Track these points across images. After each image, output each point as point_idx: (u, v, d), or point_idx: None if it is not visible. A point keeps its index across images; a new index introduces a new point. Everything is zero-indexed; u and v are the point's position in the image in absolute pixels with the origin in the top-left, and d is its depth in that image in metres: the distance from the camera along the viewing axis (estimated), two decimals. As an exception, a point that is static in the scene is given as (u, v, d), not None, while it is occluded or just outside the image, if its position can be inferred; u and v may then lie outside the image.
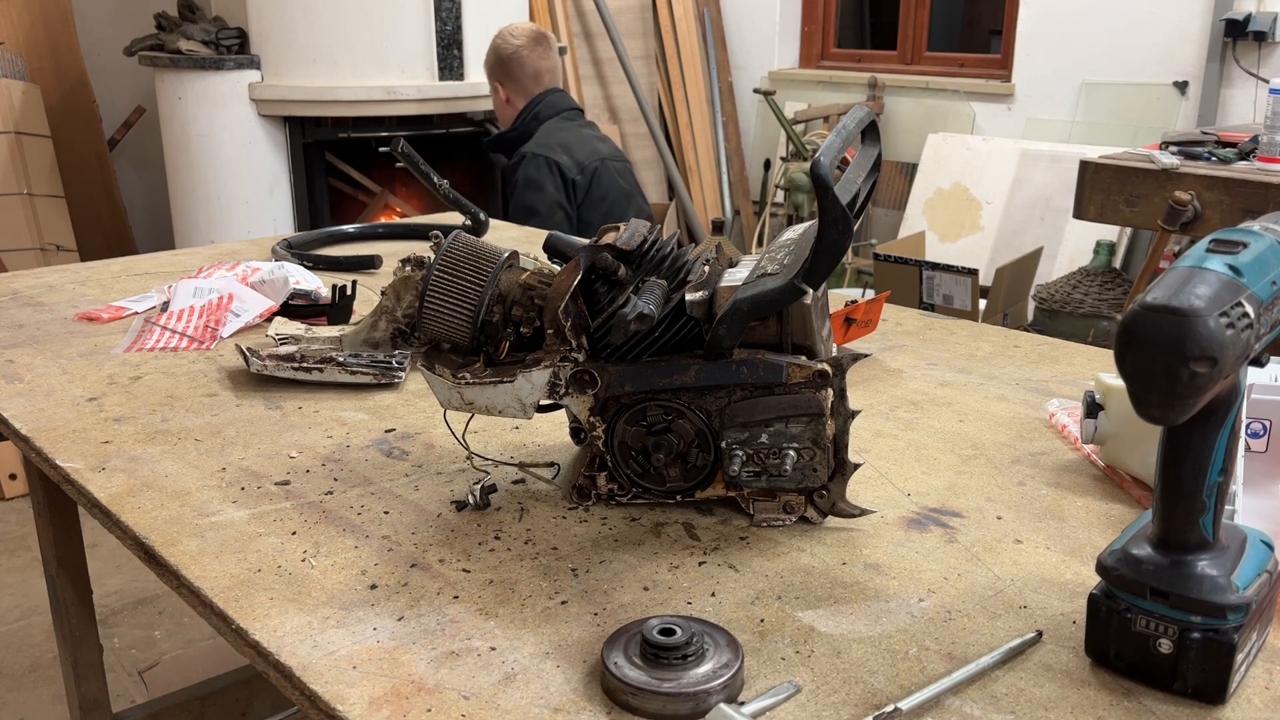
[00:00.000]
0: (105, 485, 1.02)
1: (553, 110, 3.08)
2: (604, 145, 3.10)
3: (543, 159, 2.90)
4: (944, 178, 4.79)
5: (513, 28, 3.18)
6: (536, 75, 3.13)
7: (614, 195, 2.99)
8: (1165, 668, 0.69)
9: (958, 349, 1.42)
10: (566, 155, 2.93)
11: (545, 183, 2.87)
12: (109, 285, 1.72)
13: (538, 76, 3.13)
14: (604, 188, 2.96)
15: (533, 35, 3.13)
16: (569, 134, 3.03)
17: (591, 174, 2.94)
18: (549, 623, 0.79)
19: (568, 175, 2.91)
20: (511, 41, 3.12)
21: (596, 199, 2.94)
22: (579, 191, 2.93)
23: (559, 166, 2.89)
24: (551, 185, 2.88)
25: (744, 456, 0.90)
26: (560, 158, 2.92)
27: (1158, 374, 0.61)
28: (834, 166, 0.79)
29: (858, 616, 0.79)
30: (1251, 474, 0.94)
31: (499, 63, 3.15)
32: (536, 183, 2.87)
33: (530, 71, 3.12)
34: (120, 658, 2.53)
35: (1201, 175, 2.62)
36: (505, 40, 3.14)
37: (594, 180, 2.94)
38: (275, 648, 0.76)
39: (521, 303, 0.94)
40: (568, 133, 3.03)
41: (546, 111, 3.08)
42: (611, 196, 2.98)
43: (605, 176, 2.98)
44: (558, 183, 2.89)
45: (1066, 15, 4.47)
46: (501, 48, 3.14)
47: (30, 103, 4.28)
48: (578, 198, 2.93)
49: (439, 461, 1.07)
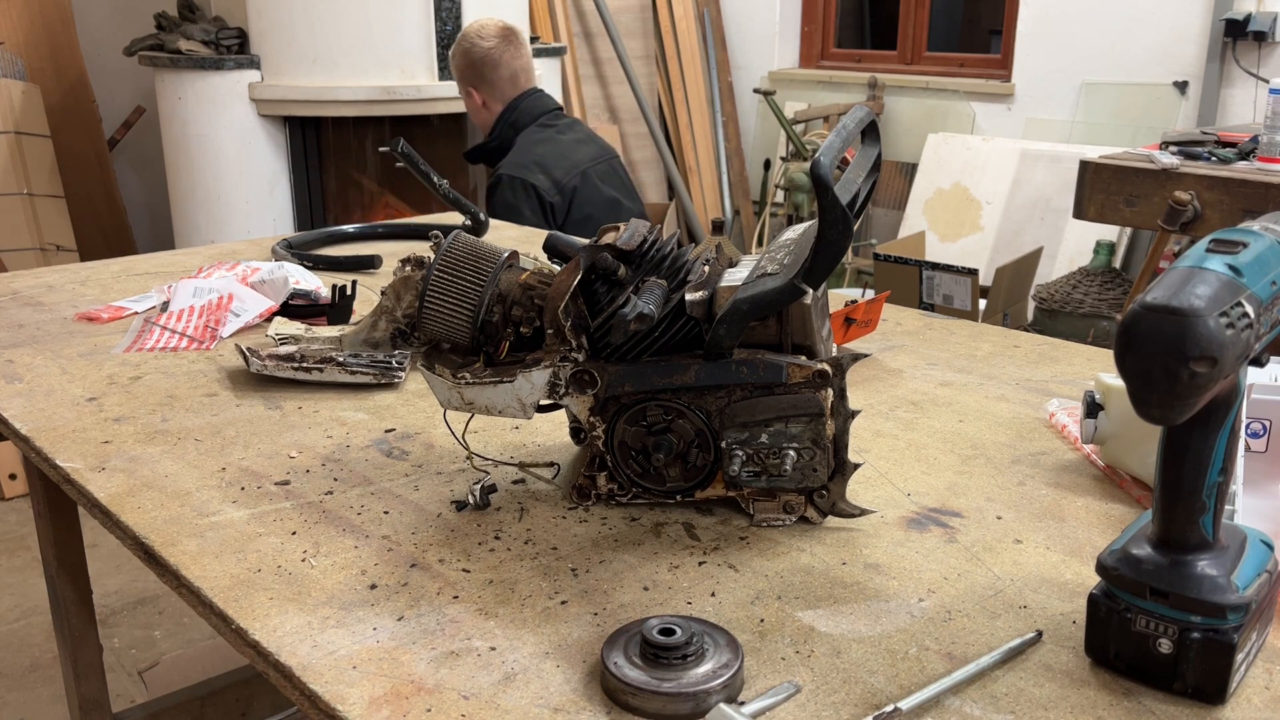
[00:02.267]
0: (105, 485, 1.02)
1: (530, 116, 2.91)
2: (586, 148, 2.94)
3: (519, 182, 2.74)
4: (944, 178, 4.79)
5: (480, 27, 2.96)
6: (513, 77, 2.93)
7: (597, 209, 2.84)
8: (1165, 668, 0.69)
9: (958, 349, 1.42)
10: (544, 175, 2.77)
11: (522, 207, 2.73)
12: (109, 285, 1.72)
13: (514, 78, 2.93)
14: (585, 205, 2.82)
15: (503, 33, 2.93)
16: (546, 146, 2.86)
17: (571, 193, 2.79)
18: (549, 623, 0.79)
19: (545, 198, 2.75)
20: (482, 43, 2.91)
21: (578, 219, 2.80)
22: (558, 213, 2.78)
23: (536, 190, 2.74)
24: (528, 209, 2.73)
25: (744, 456, 0.90)
26: (536, 179, 2.75)
27: (1158, 374, 0.61)
28: (834, 166, 0.79)
29: (858, 616, 0.79)
30: (1251, 474, 0.94)
31: (470, 66, 2.92)
32: (514, 208, 2.72)
33: (506, 74, 2.92)
34: (120, 658, 2.53)
35: (1201, 175, 2.62)
36: (475, 42, 2.93)
37: (573, 199, 2.80)
38: (275, 648, 0.76)
39: (521, 303, 0.94)
40: (545, 144, 2.86)
41: (524, 119, 2.90)
42: (595, 212, 2.83)
43: (586, 191, 2.83)
44: (534, 206, 2.74)
45: (1066, 15, 4.47)
46: (472, 50, 2.91)
47: (30, 103, 4.28)
48: (557, 220, 2.79)
49: (439, 461, 1.07)
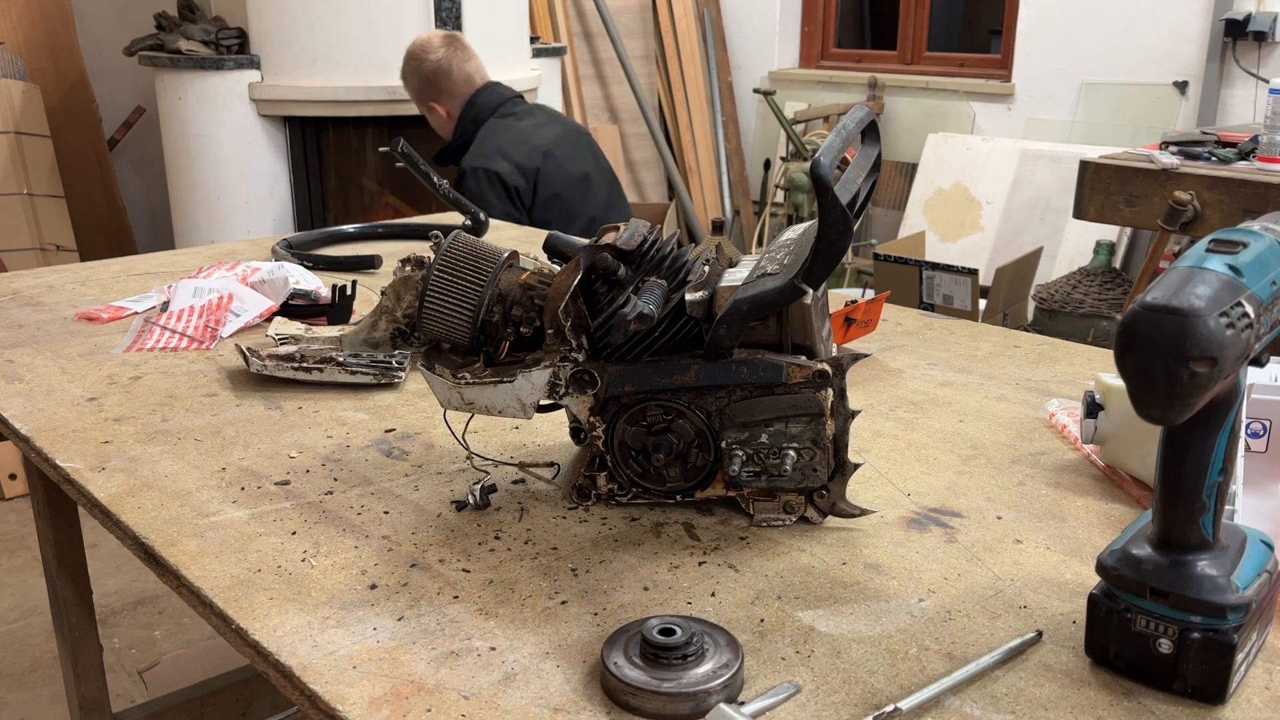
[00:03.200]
0: (105, 485, 1.02)
1: (488, 109, 2.91)
2: (547, 130, 2.92)
3: (480, 171, 2.76)
4: (944, 178, 4.79)
5: (424, 43, 2.96)
6: (467, 79, 2.92)
7: (565, 188, 2.84)
8: (1165, 668, 0.69)
9: (958, 349, 1.42)
10: (505, 161, 2.78)
11: (488, 195, 2.74)
12: (109, 285, 1.72)
13: (468, 79, 2.92)
14: (551, 185, 2.82)
15: (447, 40, 2.95)
16: (505, 134, 2.87)
17: (534, 174, 2.80)
18: (549, 623, 0.79)
19: (509, 183, 2.76)
20: (430, 57, 2.92)
21: (545, 199, 2.81)
22: (524, 196, 2.79)
23: (499, 176, 2.75)
24: (494, 197, 2.74)
25: (744, 456, 0.90)
26: (498, 165, 2.75)
27: (1158, 374, 0.61)
28: (834, 166, 0.79)
29: (858, 616, 0.79)
30: (1251, 474, 0.94)
31: (426, 82, 2.94)
32: (479, 198, 2.72)
33: (460, 78, 2.92)
34: (120, 658, 2.53)
35: (1201, 175, 2.62)
36: (423, 58, 2.94)
37: (538, 181, 2.80)
38: (275, 648, 0.76)
39: (521, 303, 0.94)
40: (504, 132, 2.87)
41: (483, 113, 2.91)
42: (562, 191, 2.84)
43: (550, 172, 2.83)
44: (500, 193, 2.76)
45: (1066, 15, 4.47)
46: (423, 66, 2.93)
47: (30, 103, 4.28)
48: (525, 202, 2.80)
49: (439, 461, 1.07)
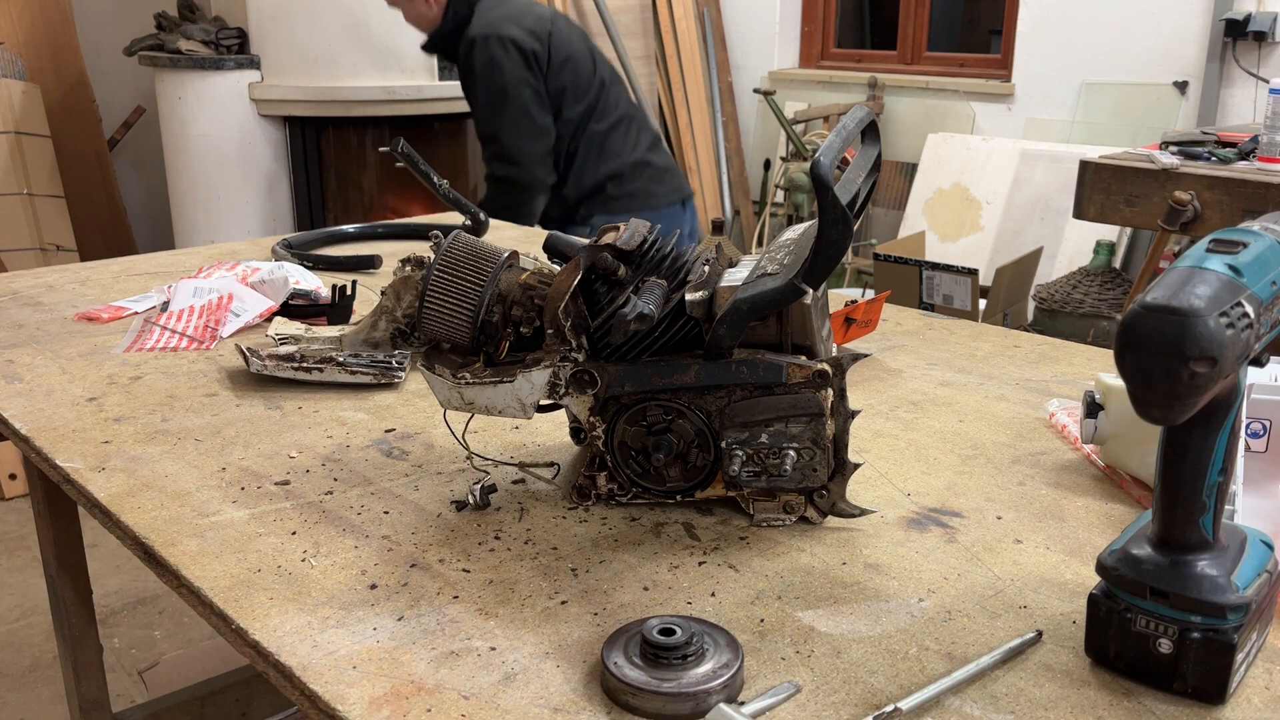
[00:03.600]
0: (105, 485, 1.01)
1: None
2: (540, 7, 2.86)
3: (493, 38, 2.67)
4: (944, 178, 4.79)
5: None
6: None
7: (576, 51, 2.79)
8: (1165, 668, 0.69)
9: (958, 349, 1.42)
10: (515, 26, 2.70)
11: (504, 61, 2.66)
12: (109, 285, 1.72)
13: None
14: (564, 47, 2.76)
15: None
16: (505, 6, 2.76)
17: (547, 39, 2.73)
18: (549, 623, 0.79)
19: (524, 47, 2.68)
20: None
21: (559, 63, 2.74)
22: (540, 61, 2.72)
23: (513, 41, 2.66)
24: (510, 63, 2.66)
25: (744, 456, 0.90)
26: (510, 31, 2.66)
27: (1158, 374, 0.61)
28: (834, 166, 0.79)
29: (858, 616, 0.79)
30: (1251, 474, 0.94)
31: None
32: (496, 62, 2.65)
33: None
34: (120, 658, 2.53)
35: (1201, 175, 2.62)
36: None
37: (552, 43, 2.73)
38: (275, 648, 0.76)
39: (521, 303, 0.94)
40: (503, 5, 2.78)
41: None
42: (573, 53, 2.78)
43: (561, 35, 2.77)
44: (515, 59, 2.67)
45: (1066, 15, 4.47)
46: None
47: (30, 103, 4.28)
48: (541, 67, 2.73)
49: (439, 461, 1.07)
